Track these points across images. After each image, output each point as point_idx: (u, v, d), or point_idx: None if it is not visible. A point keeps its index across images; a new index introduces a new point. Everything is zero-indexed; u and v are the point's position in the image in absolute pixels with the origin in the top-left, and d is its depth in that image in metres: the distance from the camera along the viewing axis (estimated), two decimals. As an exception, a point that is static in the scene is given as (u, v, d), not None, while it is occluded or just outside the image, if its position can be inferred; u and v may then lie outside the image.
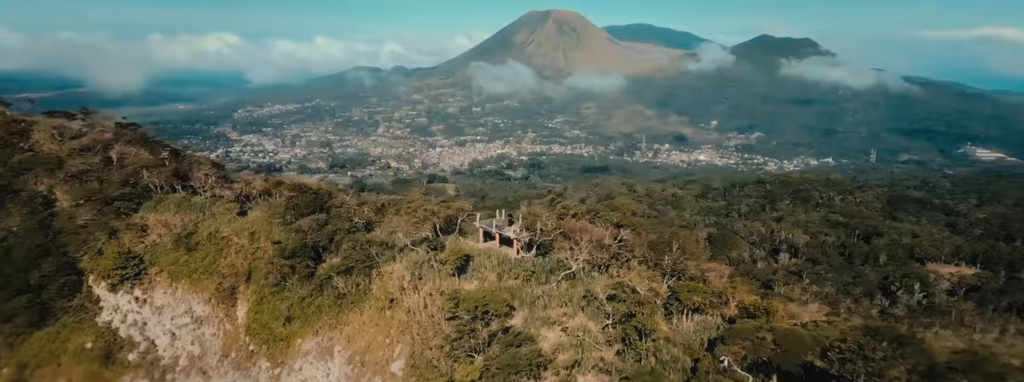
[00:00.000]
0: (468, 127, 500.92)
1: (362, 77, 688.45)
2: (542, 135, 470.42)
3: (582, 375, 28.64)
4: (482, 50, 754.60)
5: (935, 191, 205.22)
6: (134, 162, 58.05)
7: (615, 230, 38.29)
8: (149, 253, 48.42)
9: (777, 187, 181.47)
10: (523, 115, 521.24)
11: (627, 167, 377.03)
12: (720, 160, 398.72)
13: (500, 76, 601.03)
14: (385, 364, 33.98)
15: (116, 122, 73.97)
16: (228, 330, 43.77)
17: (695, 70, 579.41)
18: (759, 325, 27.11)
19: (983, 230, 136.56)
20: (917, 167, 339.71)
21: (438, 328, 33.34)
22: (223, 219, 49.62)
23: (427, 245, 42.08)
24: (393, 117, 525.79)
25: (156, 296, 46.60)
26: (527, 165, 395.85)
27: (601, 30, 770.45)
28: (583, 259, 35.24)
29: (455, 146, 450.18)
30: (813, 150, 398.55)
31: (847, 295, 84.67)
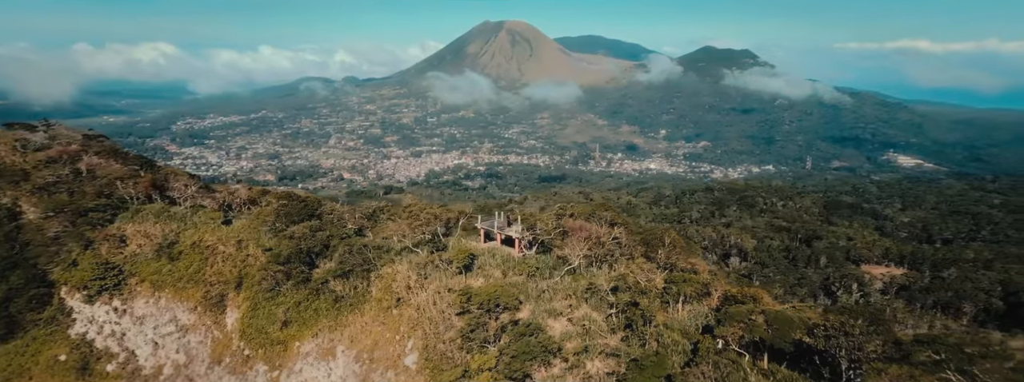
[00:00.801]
0: (423, 138, 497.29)
1: (312, 88, 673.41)
2: (498, 145, 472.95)
3: (590, 360, 30.26)
4: (436, 61, 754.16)
5: (864, 196, 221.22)
6: (108, 173, 57.20)
7: (610, 228, 40.58)
8: (129, 263, 47.75)
9: (724, 194, 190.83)
10: (479, 125, 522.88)
11: (582, 176, 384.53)
12: (669, 168, 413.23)
13: (456, 86, 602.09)
14: (397, 359, 35.09)
15: (83, 134, 72.33)
16: (217, 337, 43.78)
17: (644, 81, 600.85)
18: (751, 309, 29.72)
19: (907, 233, 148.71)
20: (848, 173, 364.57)
21: (449, 323, 34.70)
22: (206, 228, 49.39)
23: (430, 246, 43.17)
24: (345, 128, 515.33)
25: (137, 306, 46.13)
26: (484, 175, 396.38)
27: (553, 42, 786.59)
28: (583, 255, 37.34)
29: (410, 157, 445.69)
30: (755, 158, 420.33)
31: (793, 296, 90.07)
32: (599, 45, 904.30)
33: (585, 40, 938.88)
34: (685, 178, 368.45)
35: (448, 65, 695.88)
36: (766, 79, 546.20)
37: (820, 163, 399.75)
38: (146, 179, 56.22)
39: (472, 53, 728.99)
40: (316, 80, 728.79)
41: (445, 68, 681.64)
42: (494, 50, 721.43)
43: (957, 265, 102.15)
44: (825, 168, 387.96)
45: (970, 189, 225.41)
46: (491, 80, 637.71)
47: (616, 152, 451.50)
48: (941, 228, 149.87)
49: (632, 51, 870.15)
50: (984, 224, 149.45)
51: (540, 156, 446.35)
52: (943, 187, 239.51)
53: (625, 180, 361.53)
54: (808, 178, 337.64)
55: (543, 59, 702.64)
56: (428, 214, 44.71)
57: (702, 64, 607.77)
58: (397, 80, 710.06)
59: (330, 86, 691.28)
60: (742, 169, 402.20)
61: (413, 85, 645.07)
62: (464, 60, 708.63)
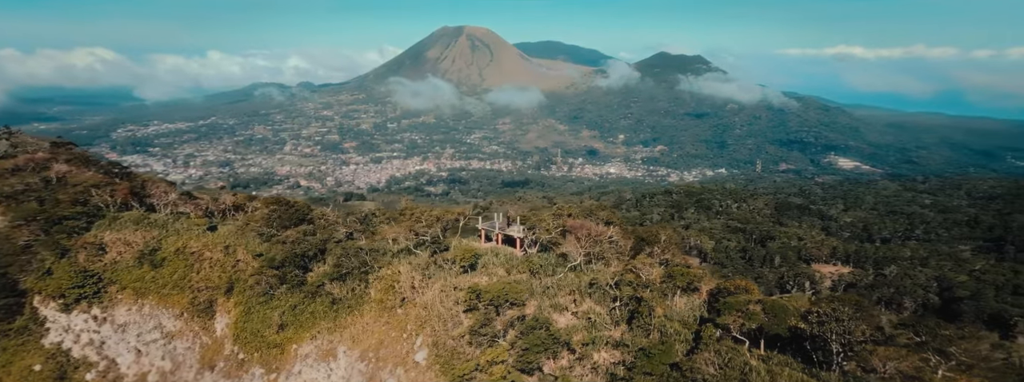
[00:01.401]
0: (383, 143, 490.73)
1: (265, 93, 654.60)
2: (460, 150, 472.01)
3: (596, 352, 31.86)
4: (395, 66, 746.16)
5: (810, 198, 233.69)
6: (82, 181, 55.96)
7: (605, 227, 42.83)
8: (109, 271, 47.17)
9: (682, 197, 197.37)
10: (440, 131, 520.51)
11: (545, 181, 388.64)
12: (628, 172, 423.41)
13: (418, 92, 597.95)
14: (406, 356, 36.01)
15: (51, 142, 69.91)
16: (206, 342, 43.67)
17: (603, 86, 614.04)
18: (748, 299, 31.90)
19: (850, 232, 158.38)
20: (794, 176, 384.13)
21: (457, 320, 35.87)
22: (190, 235, 49.13)
23: (432, 247, 43.93)
24: (301, 134, 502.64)
25: (118, 314, 45.57)
26: (447, 181, 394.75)
27: (513, 47, 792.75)
28: (585, 252, 39.11)
29: (370, 163, 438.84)
30: (708, 161, 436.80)
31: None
32: (558, 51, 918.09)
33: (544, 46, 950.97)
34: (644, 182, 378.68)
35: (408, 70, 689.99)
36: (719, 84, 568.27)
37: (769, 166, 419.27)
38: (124, 186, 55.04)
39: (432, 58, 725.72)
40: (269, 85, 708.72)
41: (405, 73, 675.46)
42: (454, 55, 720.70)
43: (896, 263, 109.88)
44: (773, 170, 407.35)
45: (903, 190, 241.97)
46: (453, 85, 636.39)
47: (577, 157, 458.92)
48: (880, 228, 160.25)
49: (590, 57, 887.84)
50: (917, 223, 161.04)
51: (502, 161, 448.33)
52: (879, 188, 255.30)
53: (586, 184, 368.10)
54: (759, 180, 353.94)
55: (503, 64, 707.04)
56: (430, 216, 45.58)
57: (658, 70, 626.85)
58: (355, 85, 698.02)
59: (284, 92, 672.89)
60: (697, 172, 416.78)
61: (372, 90, 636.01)
62: (424, 65, 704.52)
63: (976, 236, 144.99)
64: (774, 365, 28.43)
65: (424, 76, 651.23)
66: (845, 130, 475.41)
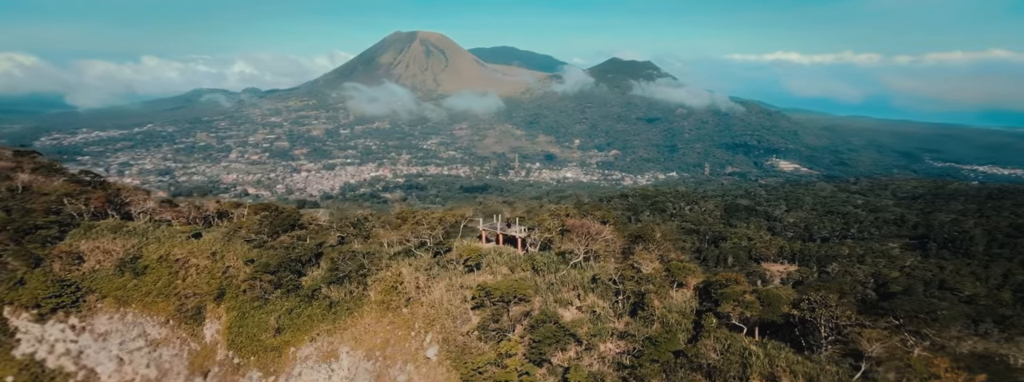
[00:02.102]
0: (336, 150, 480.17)
1: (208, 100, 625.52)
2: (417, 156, 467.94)
3: (603, 342, 33.66)
4: (346, 71, 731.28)
5: (756, 199, 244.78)
6: (53, 190, 54.59)
7: (601, 226, 44.85)
8: (88, 280, 46.58)
9: (638, 200, 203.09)
10: (395, 137, 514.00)
11: (503, 186, 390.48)
12: (585, 177, 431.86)
13: (373, 97, 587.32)
14: (415, 352, 37.12)
15: (14, 150, 67.95)
16: (194, 349, 43.61)
17: (558, 91, 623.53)
18: (743, 289, 34.44)
19: (793, 232, 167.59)
20: (740, 178, 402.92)
21: (466, 317, 37.21)
22: (173, 242, 48.91)
23: (436, 249, 44.96)
24: (248, 141, 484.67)
25: (98, 323, 44.97)
26: (404, 187, 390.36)
27: (468, 52, 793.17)
28: (586, 249, 40.86)
29: (323, 170, 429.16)
30: (660, 165, 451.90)
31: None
32: (513, 56, 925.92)
33: (499, 51, 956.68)
34: (599, 186, 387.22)
35: (360, 75, 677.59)
36: (671, 90, 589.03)
37: (716, 169, 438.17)
38: (99, 195, 53.95)
39: (385, 63, 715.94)
40: (213, 92, 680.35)
41: (357, 78, 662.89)
42: (408, 60, 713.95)
43: (837, 260, 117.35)
44: (721, 173, 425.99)
45: (838, 191, 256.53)
46: (407, 91, 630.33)
47: (534, 161, 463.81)
48: (820, 227, 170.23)
49: (545, 62, 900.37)
50: (852, 223, 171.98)
51: (460, 167, 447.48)
52: (817, 190, 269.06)
53: (544, 189, 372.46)
54: (707, 183, 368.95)
55: (459, 70, 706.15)
56: (433, 219, 46.89)
57: (611, 75, 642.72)
58: (305, 91, 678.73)
59: (230, 98, 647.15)
60: (649, 176, 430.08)
61: (323, 96, 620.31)
62: (377, 70, 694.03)
63: (903, 234, 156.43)
64: (770, 349, 30.71)
65: (380, 81, 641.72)
66: (785, 134, 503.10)
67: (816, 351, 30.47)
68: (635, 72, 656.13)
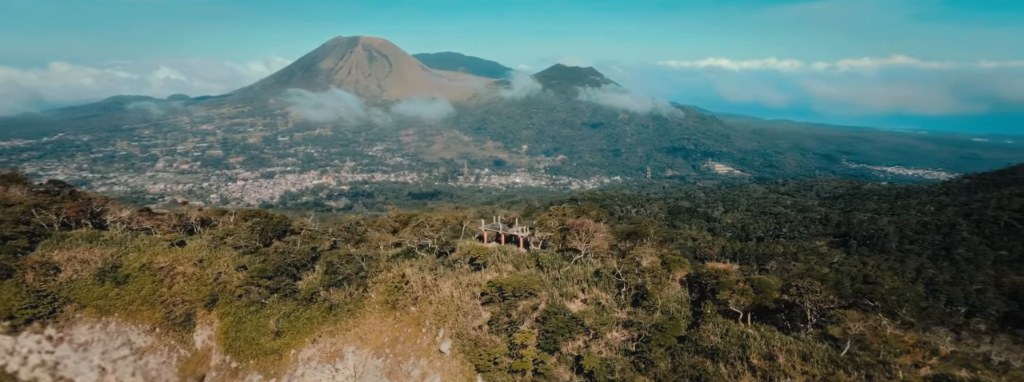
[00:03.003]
0: (275, 158, 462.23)
1: (128, 107, 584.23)
2: (362, 163, 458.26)
3: (609, 331, 35.93)
4: (284, 77, 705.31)
5: (695, 201, 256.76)
6: (22, 200, 53.32)
7: (598, 224, 47.27)
8: (65, 290, 45.65)
9: (587, 204, 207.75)
10: (339, 143, 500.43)
11: (453, 192, 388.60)
12: (533, 182, 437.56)
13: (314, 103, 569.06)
14: (428, 348, 38.31)
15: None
16: (184, 356, 43.73)
17: (505, 97, 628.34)
18: (737, 278, 37.58)
19: (731, 232, 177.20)
20: (679, 181, 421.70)
21: (476, 312, 38.71)
22: (154, 251, 48.61)
23: (439, 249, 46.02)
24: (176, 150, 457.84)
25: (77, 333, 44.25)
26: (349, 194, 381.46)
27: (413, 58, 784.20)
28: (587, 246, 42.86)
29: (261, 178, 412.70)
30: (605, 169, 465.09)
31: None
32: (458, 62, 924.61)
33: (444, 57, 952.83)
34: (548, 190, 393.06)
35: (300, 81, 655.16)
36: (616, 95, 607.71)
37: (657, 172, 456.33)
38: (73, 204, 52.90)
39: (327, 69, 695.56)
40: (134, 99, 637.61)
41: (297, 84, 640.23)
42: (351, 66, 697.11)
43: (774, 259, 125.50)
44: (662, 176, 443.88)
45: (769, 192, 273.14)
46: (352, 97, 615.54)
47: (483, 167, 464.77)
48: (755, 227, 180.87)
49: (490, 68, 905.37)
50: (784, 222, 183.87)
51: (408, 173, 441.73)
52: (750, 191, 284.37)
53: (494, 194, 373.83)
54: (650, 186, 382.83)
55: (404, 75, 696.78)
56: (437, 221, 47.82)
57: (555, 81, 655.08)
58: (239, 98, 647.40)
59: (154, 105, 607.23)
60: (595, 180, 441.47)
61: (260, 102, 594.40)
62: (318, 76, 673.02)
63: (828, 232, 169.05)
64: (764, 332, 33.33)
65: (323, 87, 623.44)
66: (719, 138, 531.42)
67: (801, 333, 33.41)
68: (579, 78, 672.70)
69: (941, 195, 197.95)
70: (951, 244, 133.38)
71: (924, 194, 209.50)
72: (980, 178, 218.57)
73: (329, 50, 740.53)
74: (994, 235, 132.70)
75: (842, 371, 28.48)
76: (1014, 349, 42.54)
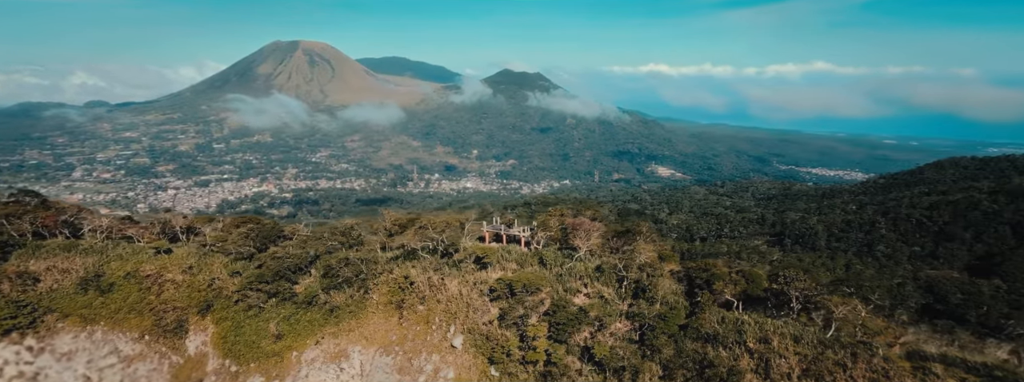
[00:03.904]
0: (209, 165, 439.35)
1: (40, 114, 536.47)
2: (305, 170, 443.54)
3: (613, 323, 37.82)
4: (219, 81, 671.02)
5: (642, 203, 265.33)
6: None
7: (596, 223, 49.14)
8: (46, 300, 45.23)
9: (540, 207, 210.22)
10: (280, 150, 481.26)
11: (403, 198, 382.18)
12: (484, 186, 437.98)
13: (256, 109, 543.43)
14: (439, 344, 39.32)
15: None
16: (176, 362, 43.85)
17: (454, 102, 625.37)
18: (729, 270, 40.49)
19: (677, 233, 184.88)
20: (625, 184, 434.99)
21: (485, 308, 39.90)
22: (138, 259, 48.27)
23: (443, 250, 46.81)
24: (96, 158, 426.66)
25: (60, 342, 44.14)
26: (293, 202, 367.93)
27: (357, 63, 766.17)
28: (588, 244, 44.68)
29: (195, 187, 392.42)
30: (555, 173, 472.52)
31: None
32: (404, 67, 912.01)
33: (390, 61, 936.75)
34: (499, 195, 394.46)
35: (235, 86, 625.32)
36: (566, 100, 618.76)
37: (604, 176, 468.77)
38: (48, 214, 52.41)
39: (265, 74, 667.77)
40: (47, 106, 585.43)
41: (232, 89, 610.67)
42: (291, 71, 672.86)
43: (720, 258, 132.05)
44: (608, 180, 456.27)
45: (710, 194, 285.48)
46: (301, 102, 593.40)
47: (433, 172, 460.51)
48: (699, 228, 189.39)
49: (438, 73, 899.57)
50: (725, 223, 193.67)
51: (355, 180, 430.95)
52: (692, 193, 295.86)
53: (446, 199, 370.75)
54: (598, 189, 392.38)
55: (348, 80, 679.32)
56: (440, 223, 48.86)
57: (504, 86, 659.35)
58: (168, 103, 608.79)
59: (72, 111, 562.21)
60: (545, 184, 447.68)
61: (192, 108, 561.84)
62: (255, 81, 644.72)
63: (764, 232, 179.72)
64: (756, 318, 35.91)
65: (266, 93, 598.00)
66: (661, 141, 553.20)
67: (787, 318, 36.24)
68: (528, 83, 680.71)
69: (861, 195, 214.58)
70: (872, 241, 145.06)
71: (846, 194, 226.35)
72: (893, 178, 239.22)
73: (267, 54, 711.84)
74: (908, 232, 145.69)
75: (830, 351, 31.14)
76: (934, 337, 47.01)
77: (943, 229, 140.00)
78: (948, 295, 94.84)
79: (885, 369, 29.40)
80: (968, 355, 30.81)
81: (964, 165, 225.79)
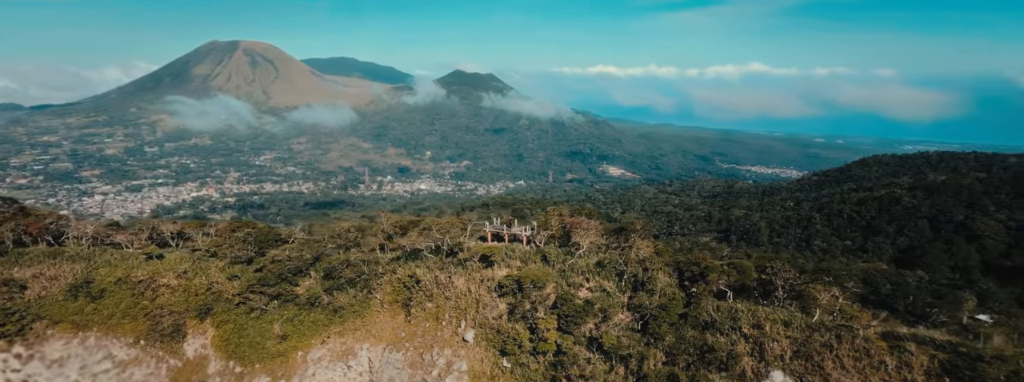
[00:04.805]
0: (141, 169, 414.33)
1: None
2: (248, 173, 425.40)
3: (615, 315, 39.70)
4: (150, 83, 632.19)
5: (596, 203, 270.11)
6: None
7: (593, 222, 51.41)
8: (34, 307, 45.27)
9: (498, 208, 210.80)
10: (219, 153, 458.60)
11: (355, 201, 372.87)
12: (439, 188, 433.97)
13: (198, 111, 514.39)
14: (449, 338, 40.54)
15: None
16: (174, 365, 44.25)
17: (406, 103, 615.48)
18: (721, 263, 42.92)
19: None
20: (578, 184, 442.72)
21: (494, 304, 41.21)
22: (128, 264, 48.61)
23: (449, 249, 47.80)
24: (9, 164, 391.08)
25: (49, 349, 44.41)
26: (236, 206, 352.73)
27: (302, 63, 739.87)
28: (589, 241, 46.51)
29: (125, 192, 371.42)
30: (509, 174, 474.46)
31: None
32: (353, 67, 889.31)
33: (337, 62, 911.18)
34: (454, 196, 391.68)
35: (168, 87, 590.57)
36: (520, 102, 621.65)
37: (558, 176, 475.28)
38: (33, 221, 53.04)
39: (202, 75, 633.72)
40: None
41: (165, 90, 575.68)
42: (230, 71, 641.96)
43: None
44: (562, 180, 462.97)
45: (659, 193, 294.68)
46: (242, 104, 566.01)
47: (386, 175, 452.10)
48: (650, 226, 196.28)
49: (388, 74, 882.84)
50: (675, 221, 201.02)
51: (303, 183, 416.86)
52: (643, 192, 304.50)
53: (399, 202, 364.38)
54: (553, 189, 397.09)
55: (293, 81, 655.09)
56: (444, 224, 49.90)
57: (456, 87, 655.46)
58: (91, 106, 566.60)
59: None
60: (500, 185, 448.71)
61: (119, 111, 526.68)
62: (192, 82, 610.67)
63: (712, 228, 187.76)
64: (749, 306, 38.49)
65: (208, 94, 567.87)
66: (611, 142, 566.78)
67: (775, 305, 39.11)
68: (481, 84, 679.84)
69: (797, 192, 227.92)
70: (809, 236, 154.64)
71: (784, 191, 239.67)
72: (825, 175, 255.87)
73: (204, 55, 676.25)
74: (840, 227, 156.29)
75: (817, 333, 34.12)
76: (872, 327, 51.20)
77: (870, 224, 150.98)
78: (879, 286, 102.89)
79: (866, 348, 32.42)
80: (935, 335, 33.85)
81: (886, 162, 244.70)
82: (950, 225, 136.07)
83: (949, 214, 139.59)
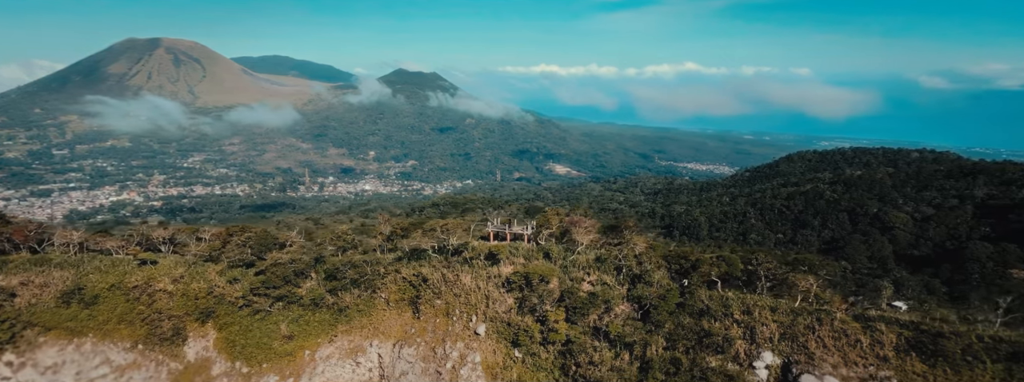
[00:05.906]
0: (49, 174, 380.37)
1: None
2: (176, 176, 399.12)
3: (617, 306, 42.34)
4: (55, 83, 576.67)
5: (546, 201, 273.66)
6: None
7: (591, 221, 53.60)
8: (24, 315, 45.61)
9: (449, 207, 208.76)
10: (142, 156, 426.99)
11: (296, 202, 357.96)
12: (384, 188, 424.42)
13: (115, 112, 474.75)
14: (461, 332, 41.93)
15: None
16: (176, 368, 44.63)
17: (345, 103, 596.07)
18: (711, 257, 46.12)
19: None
20: (527, 182, 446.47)
21: (503, 299, 42.82)
22: (120, 270, 48.92)
23: (453, 248, 48.88)
24: None
25: (42, 356, 44.63)
26: (164, 211, 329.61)
27: (232, 62, 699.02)
28: (589, 239, 48.73)
29: (31, 197, 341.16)
30: (457, 173, 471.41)
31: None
32: (288, 66, 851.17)
33: (271, 60, 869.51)
34: (400, 197, 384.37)
35: (78, 87, 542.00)
36: (469, 101, 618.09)
37: (506, 175, 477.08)
38: (16, 228, 53.60)
39: (117, 73, 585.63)
40: None
41: (74, 90, 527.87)
42: (151, 70, 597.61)
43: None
44: (510, 179, 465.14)
45: (604, 190, 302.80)
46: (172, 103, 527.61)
47: (327, 175, 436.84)
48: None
49: (326, 72, 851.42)
50: (621, 217, 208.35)
51: (237, 185, 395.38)
52: (589, 190, 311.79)
53: (344, 203, 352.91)
54: (502, 188, 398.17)
55: (223, 80, 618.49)
56: (452, 224, 51.70)
57: (400, 86, 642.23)
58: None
59: None
60: (447, 185, 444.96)
61: (20, 112, 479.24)
62: (105, 82, 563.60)
63: (656, 224, 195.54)
64: (738, 294, 41.98)
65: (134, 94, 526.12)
66: (557, 140, 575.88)
67: (759, 293, 42.77)
68: (426, 83, 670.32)
69: (732, 188, 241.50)
70: (746, 230, 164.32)
71: (720, 187, 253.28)
72: (756, 171, 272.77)
73: (120, 52, 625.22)
74: (772, 221, 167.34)
75: (800, 317, 37.82)
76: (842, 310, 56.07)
77: (798, 217, 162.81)
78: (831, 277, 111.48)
79: (843, 329, 36.25)
80: (900, 315, 37.95)
81: (809, 158, 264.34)
82: (866, 218, 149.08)
83: (865, 207, 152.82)
